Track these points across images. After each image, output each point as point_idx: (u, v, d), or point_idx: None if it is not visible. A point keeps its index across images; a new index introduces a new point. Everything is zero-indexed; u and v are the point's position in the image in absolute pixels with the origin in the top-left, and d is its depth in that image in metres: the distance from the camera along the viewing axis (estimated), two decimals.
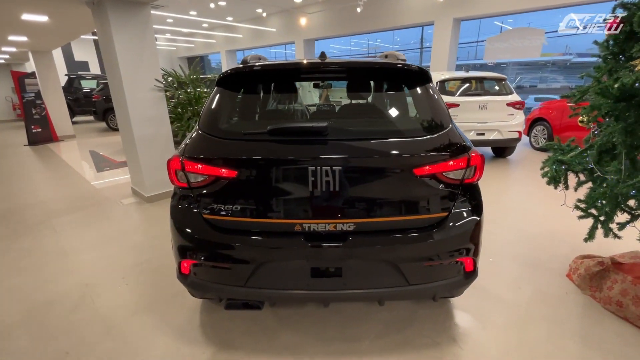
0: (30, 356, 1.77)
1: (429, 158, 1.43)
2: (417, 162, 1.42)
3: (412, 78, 1.70)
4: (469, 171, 1.52)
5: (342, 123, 1.70)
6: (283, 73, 1.76)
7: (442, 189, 1.48)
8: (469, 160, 1.49)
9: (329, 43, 16.97)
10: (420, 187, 1.45)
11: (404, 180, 1.44)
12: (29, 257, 2.80)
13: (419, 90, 1.67)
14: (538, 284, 2.31)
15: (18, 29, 5.09)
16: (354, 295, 1.52)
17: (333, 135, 1.47)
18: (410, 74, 1.68)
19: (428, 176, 1.44)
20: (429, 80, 1.68)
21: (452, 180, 1.49)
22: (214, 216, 1.51)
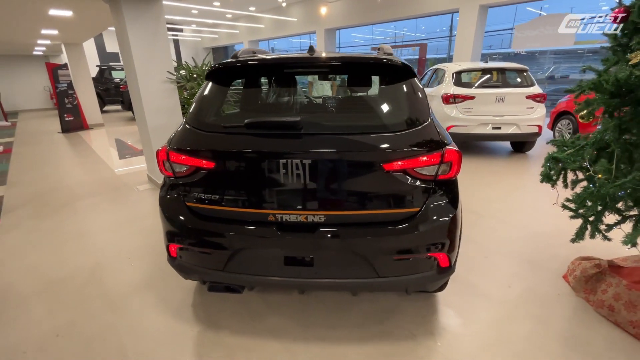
0: (41, 324, 1.98)
1: (399, 153, 1.44)
2: (387, 157, 1.44)
3: (394, 73, 1.70)
4: (444, 167, 1.52)
5: (317, 117, 1.74)
6: (267, 67, 1.81)
7: (414, 185, 1.49)
8: (442, 157, 1.49)
9: (351, 32, 16.69)
10: (390, 182, 1.47)
11: (374, 175, 1.46)
12: (50, 237, 3.07)
13: (399, 85, 1.67)
14: (531, 283, 2.27)
15: (49, 23, 5.43)
16: (326, 285, 1.58)
17: (307, 129, 1.52)
18: (391, 69, 1.68)
19: (398, 171, 1.46)
20: (411, 75, 1.68)
21: (425, 176, 1.49)
22: (195, 204, 1.61)
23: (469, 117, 5.20)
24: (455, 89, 5.32)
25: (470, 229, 3.03)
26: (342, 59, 1.69)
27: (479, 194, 3.88)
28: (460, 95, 5.22)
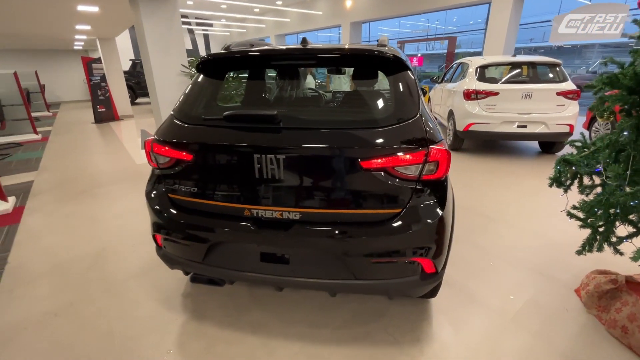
0: (43, 303, 2.10)
1: (379, 151, 1.36)
2: (365, 154, 1.36)
3: (382, 65, 1.61)
4: (429, 167, 1.42)
5: (297, 111, 1.68)
6: (255, 60, 1.78)
7: (395, 184, 1.40)
8: (427, 156, 1.39)
9: (378, 25, 16.30)
10: (368, 180, 1.40)
11: (351, 173, 1.39)
12: (66, 221, 3.26)
13: (388, 79, 1.57)
14: (536, 295, 2.10)
15: (80, 18, 5.73)
16: (302, 284, 1.53)
17: (286, 123, 1.47)
18: (379, 61, 1.60)
19: (377, 170, 1.38)
20: (401, 68, 1.58)
21: (407, 176, 1.40)
22: (176, 196, 1.63)
23: (491, 115, 4.90)
24: (478, 84, 5.03)
25: (478, 233, 2.86)
26: (325, 51, 1.62)
27: (493, 196, 3.66)
28: (483, 91, 4.93)
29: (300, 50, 1.58)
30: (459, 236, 2.81)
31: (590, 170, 1.63)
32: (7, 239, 2.90)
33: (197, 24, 20.26)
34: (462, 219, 3.13)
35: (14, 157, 5.72)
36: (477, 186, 3.99)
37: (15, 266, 2.51)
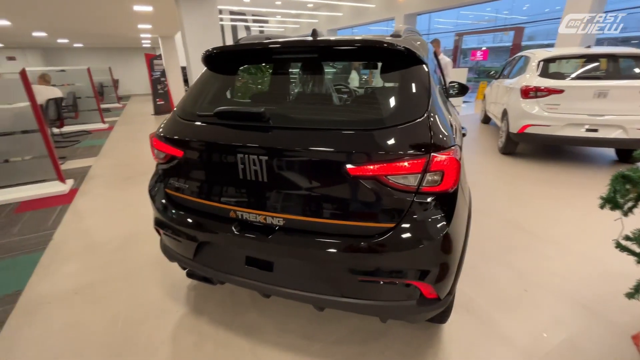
0: (70, 278, 2.29)
1: (370, 157, 1.19)
2: (355, 160, 1.20)
3: (393, 59, 1.41)
4: (431, 177, 1.21)
5: (290, 109, 1.55)
6: (257, 54, 1.69)
7: (387, 196, 1.22)
8: (427, 164, 1.18)
9: (433, 17, 15.32)
10: (357, 189, 1.23)
11: (339, 180, 1.24)
12: (108, 204, 3.56)
13: (394, 74, 1.39)
14: (577, 336, 1.74)
15: (140, 18, 6.23)
16: (286, 294, 1.43)
17: (276, 122, 1.37)
18: (389, 54, 1.40)
19: (366, 178, 1.20)
20: (413, 63, 1.38)
21: (403, 187, 1.21)
22: (171, 191, 1.62)
23: (553, 116, 4.26)
24: (540, 80, 4.40)
25: (517, 253, 2.49)
26: (324, 42, 1.46)
27: (544, 211, 3.17)
28: (545, 89, 4.29)
29: (299, 42, 1.46)
30: (492, 254, 2.48)
31: None
32: (57, 217, 3.25)
33: (253, 20, 21.01)
34: (500, 234, 2.76)
35: (82, 143, 6.46)
36: (527, 198, 3.49)
37: (57, 243, 2.78)
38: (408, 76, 1.37)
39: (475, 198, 3.41)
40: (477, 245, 2.60)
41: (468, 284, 2.15)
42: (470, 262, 2.38)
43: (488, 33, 13.34)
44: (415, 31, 2.13)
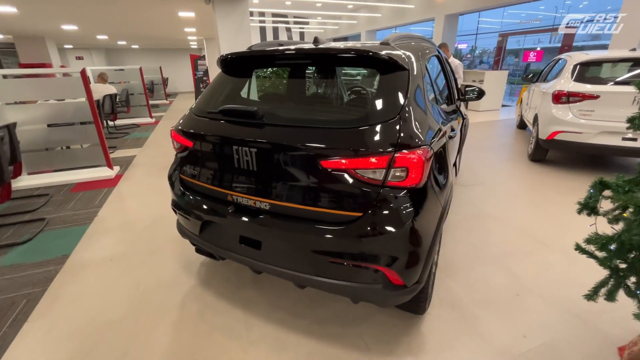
0: (107, 248, 2.69)
1: (339, 151, 1.34)
2: (326, 154, 1.36)
3: (378, 65, 1.55)
4: (395, 172, 1.34)
5: (277, 108, 1.73)
6: (262, 59, 1.90)
7: (356, 187, 1.37)
8: (391, 161, 1.31)
9: (477, 17, 14.63)
10: (329, 180, 1.39)
11: (313, 171, 1.41)
12: (144, 189, 4.01)
13: (379, 78, 1.52)
14: (559, 342, 1.75)
15: (185, 23, 6.81)
16: (272, 270, 1.62)
17: (269, 119, 1.57)
18: (374, 61, 1.54)
19: (337, 170, 1.36)
20: (396, 69, 1.51)
21: (370, 180, 1.35)
22: (184, 176, 1.90)
23: (586, 122, 4.03)
24: (574, 85, 4.18)
25: (518, 259, 2.48)
26: (331, 52, 1.63)
27: (558, 219, 3.06)
28: (578, 94, 4.08)
29: (294, 50, 1.65)
30: (492, 258, 2.49)
31: (629, 200, 1.28)
32: (103, 198, 3.75)
33: (294, 22, 21.57)
34: (505, 240, 2.74)
35: (131, 135, 7.20)
36: (546, 205, 3.38)
37: (101, 219, 3.24)
38: (386, 81, 1.50)
39: (490, 203, 3.39)
40: (478, 248, 2.62)
41: (459, 284, 2.21)
42: (467, 263, 2.43)
43: (535, 34, 12.51)
44: (418, 38, 2.22)
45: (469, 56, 17.95)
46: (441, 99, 2.21)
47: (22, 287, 2.24)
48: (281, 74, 2.14)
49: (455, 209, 3.28)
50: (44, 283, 2.27)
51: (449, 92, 2.51)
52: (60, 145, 4.53)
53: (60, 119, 4.33)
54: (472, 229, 2.93)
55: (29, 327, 1.90)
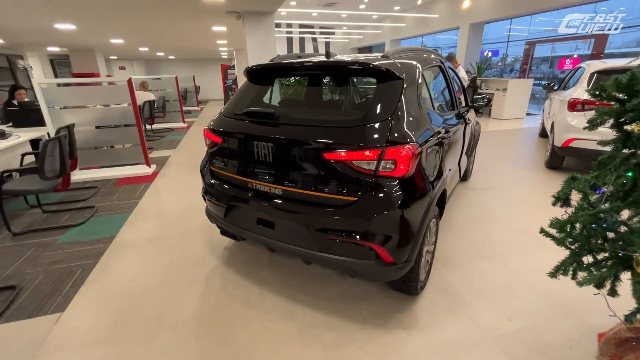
0: (146, 232, 3.10)
1: (339, 146, 1.63)
2: (329, 147, 1.65)
3: (376, 75, 1.83)
4: (385, 164, 1.60)
5: (291, 111, 2.04)
6: (282, 70, 2.23)
7: (353, 176, 1.64)
8: (381, 154, 1.58)
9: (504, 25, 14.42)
10: (331, 170, 1.67)
11: (318, 162, 1.70)
12: (178, 185, 4.47)
13: (376, 86, 1.80)
14: (541, 327, 1.91)
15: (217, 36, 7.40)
16: (283, 247, 1.92)
17: (284, 119, 1.89)
18: (373, 72, 1.82)
19: (338, 161, 1.64)
20: (391, 78, 1.78)
21: (364, 170, 1.62)
22: (214, 168, 2.25)
23: (601, 130, 4.04)
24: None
25: (516, 254, 2.62)
26: (321, 64, 1.94)
27: None
28: (594, 102, 4.12)
29: (304, 63, 1.97)
30: (491, 254, 2.65)
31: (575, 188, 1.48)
32: (142, 191, 4.24)
33: (320, 32, 22.20)
34: (507, 238, 2.89)
35: (166, 138, 7.85)
36: (554, 211, 3.45)
37: (140, 208, 3.70)
38: (383, 88, 1.78)
39: (498, 206, 3.53)
40: (479, 245, 2.78)
41: (456, 274, 2.39)
42: (466, 258, 2.61)
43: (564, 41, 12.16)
44: (420, 50, 2.47)
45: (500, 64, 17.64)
46: (440, 104, 2.44)
47: (78, 259, 2.68)
48: (296, 82, 2.46)
49: (462, 210, 3.44)
50: (96, 257, 2.70)
51: (451, 99, 2.73)
52: (107, 144, 5.13)
53: (107, 121, 4.92)
54: (476, 228, 3.09)
55: (85, 289, 2.30)
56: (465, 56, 12.87)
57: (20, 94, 5.63)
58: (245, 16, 4.47)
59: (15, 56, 11.14)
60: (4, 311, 2.08)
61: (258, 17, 4.50)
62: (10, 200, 3.94)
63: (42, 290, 2.30)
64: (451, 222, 3.20)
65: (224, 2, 4.01)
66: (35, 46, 10.79)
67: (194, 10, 4.76)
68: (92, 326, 1.97)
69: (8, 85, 7.38)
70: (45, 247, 2.87)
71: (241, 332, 1.89)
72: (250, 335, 1.87)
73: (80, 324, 1.99)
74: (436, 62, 2.54)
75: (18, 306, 2.14)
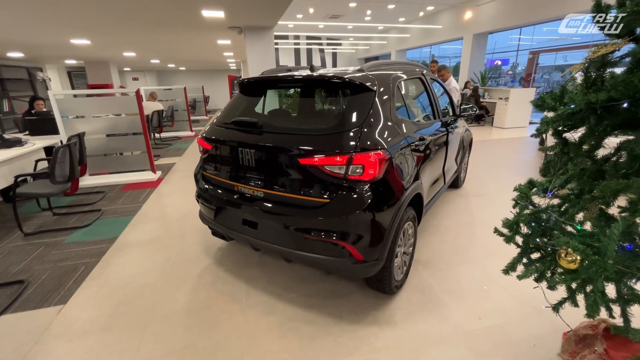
0: (147, 233, 3.30)
1: (312, 152, 1.78)
2: (302, 153, 1.81)
3: (349, 88, 1.99)
4: (354, 169, 1.75)
5: (274, 120, 2.21)
6: (270, 83, 2.42)
7: (325, 179, 1.79)
8: (350, 160, 1.73)
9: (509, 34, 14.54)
10: (306, 174, 1.83)
11: (294, 166, 1.86)
12: (180, 190, 4.69)
13: (349, 97, 1.96)
14: (510, 325, 2.00)
15: (223, 48, 7.74)
16: (265, 246, 2.07)
17: (266, 128, 2.06)
18: (347, 85, 1.99)
19: (311, 166, 1.80)
20: (364, 90, 1.94)
21: (335, 174, 1.77)
22: (205, 173, 2.43)
23: None
24: None
25: (493, 258, 2.72)
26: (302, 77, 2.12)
27: None
28: None
29: (285, 77, 2.16)
30: (470, 257, 2.75)
31: (527, 193, 1.60)
32: (146, 196, 4.46)
33: (327, 44, 22.66)
34: (488, 242, 2.97)
35: (173, 146, 8.15)
36: None
37: (143, 212, 3.91)
38: (355, 99, 1.94)
39: (486, 213, 3.63)
40: (461, 249, 2.88)
41: (434, 275, 2.50)
42: (447, 260, 2.71)
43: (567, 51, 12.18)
44: (398, 64, 2.63)
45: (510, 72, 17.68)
46: (418, 113, 2.59)
47: (82, 257, 2.88)
48: (282, 93, 2.65)
49: (451, 216, 3.54)
50: (98, 255, 2.90)
51: (432, 108, 2.87)
52: (116, 152, 5.40)
53: (117, 130, 5.20)
54: (460, 233, 3.18)
55: (87, 284, 2.49)
56: (470, 66, 12.99)
57: (38, 105, 6.00)
58: (246, 31, 4.73)
59: (35, 69, 11.76)
60: (12, 302, 2.28)
61: (258, 31, 4.76)
62: (24, 203, 4.21)
63: (47, 284, 2.49)
64: (439, 227, 3.30)
65: (224, 19, 4.29)
66: (53, 59, 11.38)
67: (198, 25, 5.06)
68: (91, 316, 2.15)
69: (28, 96, 7.83)
70: (53, 246, 3.09)
71: (226, 324, 2.04)
72: (234, 327, 2.01)
73: (81, 315, 2.17)
74: (416, 75, 2.70)
75: (25, 299, 2.33)
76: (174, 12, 4.49)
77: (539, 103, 1.45)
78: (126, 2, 3.97)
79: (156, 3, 4.00)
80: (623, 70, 1.19)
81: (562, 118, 1.32)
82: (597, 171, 1.41)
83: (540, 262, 1.43)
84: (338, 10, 12.82)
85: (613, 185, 1.12)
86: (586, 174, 1.40)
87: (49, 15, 4.65)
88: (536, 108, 1.49)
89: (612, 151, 1.39)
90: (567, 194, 1.56)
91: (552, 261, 1.35)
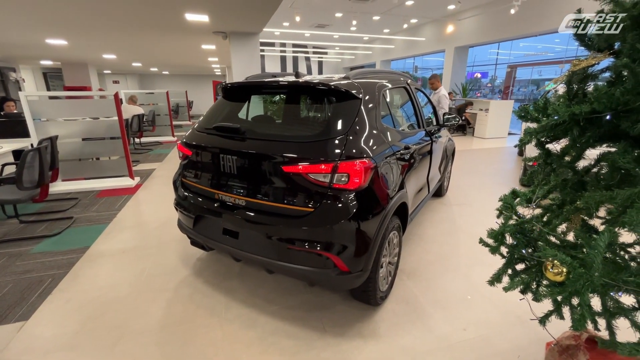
0: (122, 242, 3.13)
1: (296, 159, 1.73)
2: (286, 160, 1.75)
3: (335, 95, 1.96)
4: (339, 177, 1.70)
5: (257, 126, 2.16)
6: (254, 88, 2.37)
7: (309, 188, 1.74)
8: (335, 168, 1.69)
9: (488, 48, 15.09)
10: (289, 182, 1.77)
11: (277, 174, 1.80)
12: (159, 197, 4.52)
13: (335, 105, 1.93)
14: (494, 336, 1.98)
15: (207, 54, 7.64)
16: (246, 257, 1.98)
17: (248, 134, 1.99)
18: (333, 92, 1.96)
19: (294, 174, 1.74)
20: (349, 98, 1.92)
21: (320, 182, 1.72)
22: (185, 179, 2.33)
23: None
24: None
25: (477, 268, 2.73)
26: (288, 83, 2.08)
27: None
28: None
29: (270, 82, 2.11)
30: (454, 266, 2.74)
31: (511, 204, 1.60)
32: (123, 203, 4.27)
33: (313, 52, 22.84)
34: (472, 251, 2.99)
35: (154, 151, 7.91)
36: None
37: (119, 219, 3.73)
38: (341, 106, 1.91)
39: (469, 222, 3.65)
40: (445, 259, 2.88)
41: (419, 285, 2.47)
42: (431, 270, 2.69)
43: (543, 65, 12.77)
44: (383, 72, 2.63)
45: (490, 85, 18.40)
46: (402, 122, 2.59)
47: (49, 268, 2.69)
48: (267, 99, 2.60)
49: (434, 225, 3.55)
50: (67, 267, 2.72)
51: (416, 118, 2.89)
52: (92, 156, 5.17)
53: (94, 134, 4.99)
54: (444, 242, 3.19)
55: (52, 298, 2.32)
56: (451, 77, 13.37)
57: (9, 106, 5.70)
58: (231, 36, 4.68)
59: (7, 69, 11.24)
60: None
61: (243, 37, 4.71)
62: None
63: (8, 299, 2.30)
64: (422, 236, 3.30)
65: (208, 23, 4.22)
66: (27, 59, 10.92)
67: (182, 29, 4.96)
68: (55, 334, 1.99)
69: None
70: (17, 256, 2.88)
71: (202, 339, 1.93)
72: (211, 342, 1.91)
73: (43, 332, 2.00)
74: (401, 84, 2.71)
75: None
76: (156, 14, 4.38)
77: (522, 114, 1.46)
78: (106, 1, 3.84)
79: (138, 4, 3.89)
80: (604, 83, 1.21)
81: (546, 129, 1.33)
82: (578, 182, 1.42)
83: (525, 273, 1.42)
84: (324, 20, 12.96)
85: (597, 196, 1.12)
86: (568, 184, 1.41)
87: (22, 12, 4.45)
88: (519, 119, 1.50)
89: (592, 162, 1.41)
90: (549, 204, 1.57)
91: (537, 272, 1.33)
